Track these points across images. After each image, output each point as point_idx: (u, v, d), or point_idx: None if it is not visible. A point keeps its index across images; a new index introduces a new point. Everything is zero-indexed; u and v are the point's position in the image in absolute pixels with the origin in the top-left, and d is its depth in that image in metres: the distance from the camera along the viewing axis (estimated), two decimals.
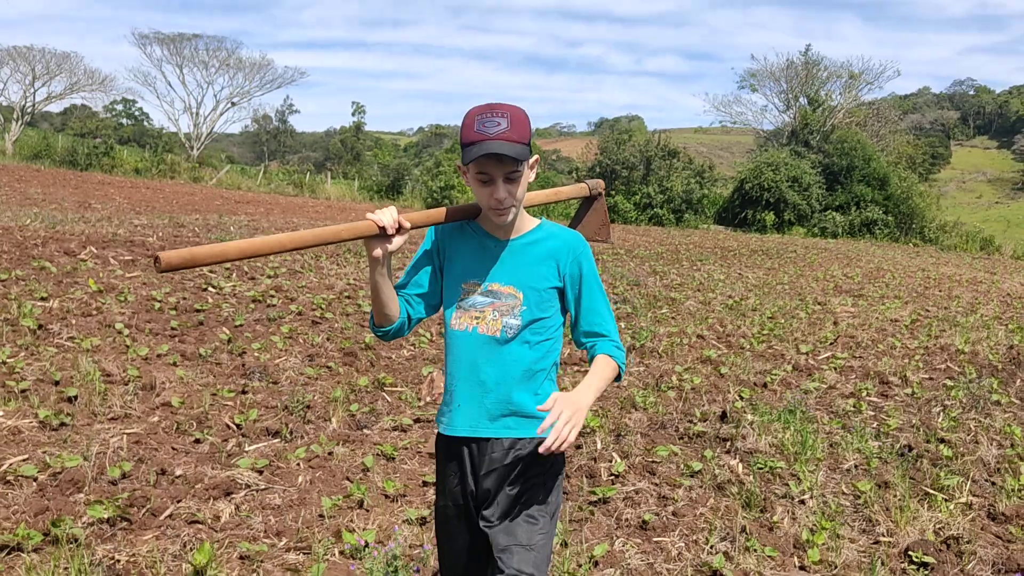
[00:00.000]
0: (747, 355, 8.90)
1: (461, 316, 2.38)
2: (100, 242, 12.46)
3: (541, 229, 2.42)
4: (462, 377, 2.38)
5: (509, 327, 2.33)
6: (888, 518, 4.48)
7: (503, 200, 2.24)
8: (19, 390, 5.35)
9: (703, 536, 4.09)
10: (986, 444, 5.98)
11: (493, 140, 2.15)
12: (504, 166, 2.19)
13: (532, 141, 2.29)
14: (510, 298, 2.35)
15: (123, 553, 3.45)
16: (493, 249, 2.39)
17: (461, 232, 2.45)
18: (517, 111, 2.24)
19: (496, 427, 2.35)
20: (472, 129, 2.19)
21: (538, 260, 2.37)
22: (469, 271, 2.39)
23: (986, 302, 16.36)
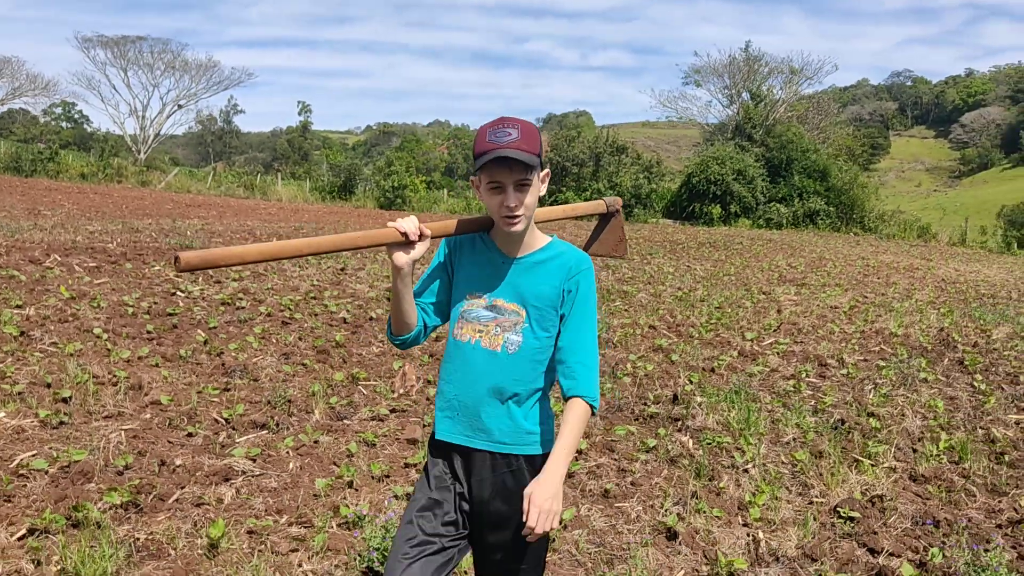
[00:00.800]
0: (696, 343, 9.47)
1: (464, 327, 2.41)
2: (62, 250, 12.61)
3: (551, 248, 2.43)
4: (460, 387, 2.40)
5: (510, 343, 2.35)
6: (821, 482, 5.04)
7: (514, 208, 2.26)
8: (15, 392, 5.65)
9: (659, 501, 4.59)
10: (911, 416, 6.61)
11: (506, 147, 2.21)
12: (515, 173, 2.23)
13: (542, 156, 2.33)
14: (513, 315, 2.37)
15: (141, 532, 3.82)
16: (501, 265, 2.41)
17: (472, 245, 2.48)
18: (528, 124, 2.30)
19: (483, 440, 2.36)
20: (484, 140, 2.25)
21: (543, 279, 2.38)
22: (475, 284, 2.42)
23: (921, 288, 17.24)
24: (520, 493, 2.27)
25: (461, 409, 2.39)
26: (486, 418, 2.35)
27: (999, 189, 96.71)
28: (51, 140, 40.25)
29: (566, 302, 2.37)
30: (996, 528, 4.47)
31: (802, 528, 4.31)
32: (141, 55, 50.63)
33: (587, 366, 2.32)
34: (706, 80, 48.74)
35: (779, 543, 4.12)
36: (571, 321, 2.35)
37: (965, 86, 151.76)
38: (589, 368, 2.32)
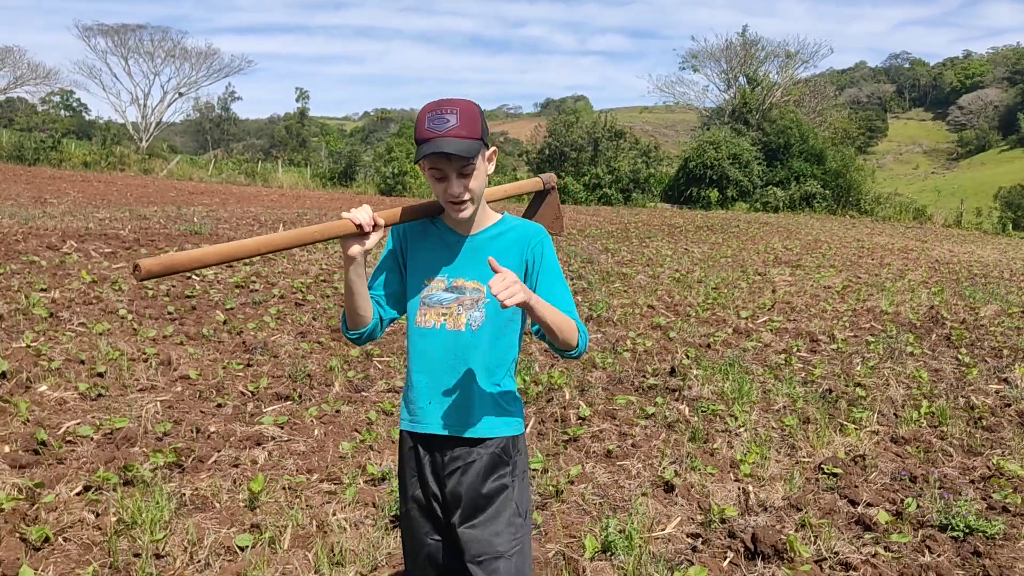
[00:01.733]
0: (693, 321, 9.85)
1: (427, 313, 2.40)
2: (77, 236, 12.95)
3: (503, 223, 2.44)
4: (428, 374, 2.39)
5: (474, 319, 2.35)
6: (808, 444, 5.43)
7: (458, 195, 2.26)
8: (52, 368, 6.02)
9: (657, 460, 4.98)
10: (895, 386, 7.00)
11: (441, 137, 2.18)
12: (454, 162, 2.22)
13: (487, 133, 2.32)
14: (474, 292, 2.36)
15: (187, 488, 4.21)
16: (455, 245, 2.41)
17: (423, 230, 2.47)
18: (468, 105, 2.27)
19: (460, 425, 2.36)
20: (424, 127, 2.23)
21: (500, 253, 2.37)
22: (432, 268, 2.42)
23: (915, 268, 17.62)
24: (489, 475, 2.35)
25: (433, 398, 2.38)
26: (455, 401, 2.36)
27: (997, 171, 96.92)
28: (53, 129, 40.42)
29: (531, 273, 2.39)
30: (969, 483, 4.86)
31: (788, 483, 4.70)
32: (141, 43, 50.92)
33: (572, 313, 2.35)
34: (703, 65, 49.04)
35: (767, 495, 4.51)
36: (543, 287, 2.37)
37: (963, 68, 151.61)
38: (574, 315, 2.36)
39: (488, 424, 2.37)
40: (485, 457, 2.36)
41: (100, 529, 3.72)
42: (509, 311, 2.36)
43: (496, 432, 2.38)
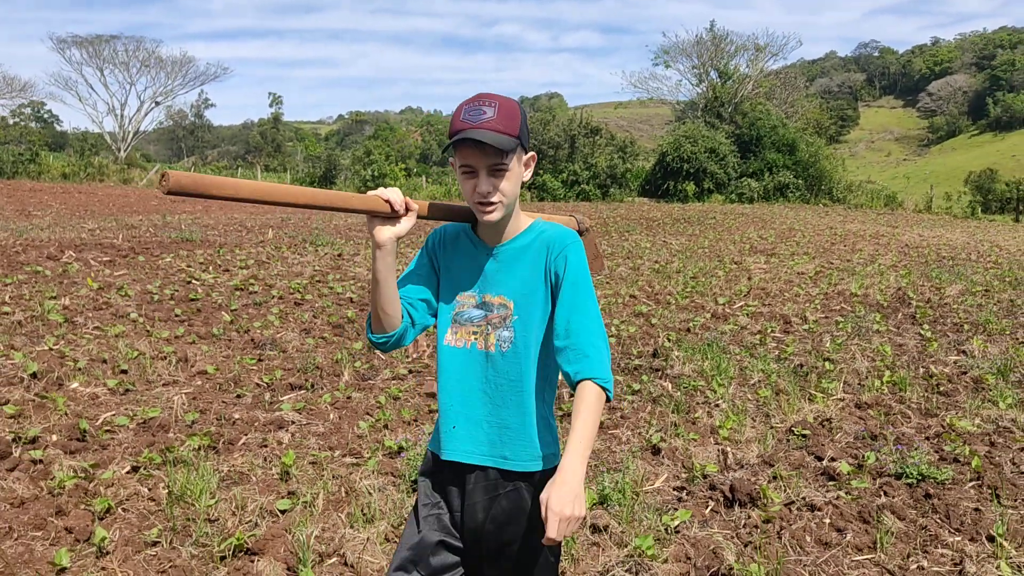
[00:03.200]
0: (673, 308, 10.39)
1: (457, 331, 2.23)
2: (74, 247, 13.32)
3: (532, 230, 2.24)
4: (457, 396, 2.22)
5: (503, 340, 2.17)
6: (780, 411, 5.97)
7: (486, 194, 2.08)
8: (78, 368, 6.45)
9: (644, 429, 5.49)
10: (861, 359, 7.56)
11: (476, 128, 2.03)
12: (487, 156, 2.06)
13: (527, 138, 2.16)
14: (501, 308, 2.19)
15: (223, 466, 4.67)
16: (483, 257, 2.23)
17: (455, 240, 2.31)
18: (508, 102, 2.11)
19: (489, 455, 2.19)
20: (458, 118, 2.08)
21: (527, 263, 2.19)
22: (463, 282, 2.25)
23: (885, 253, 18.27)
24: (516, 517, 2.17)
25: (462, 423, 2.21)
26: (486, 429, 2.19)
27: (967, 156, 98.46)
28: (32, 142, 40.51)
29: (557, 283, 2.16)
30: (924, 440, 5.41)
31: (762, 443, 5.23)
32: (116, 54, 51.05)
33: (595, 346, 2.06)
34: (675, 60, 49.72)
35: (743, 454, 5.03)
36: (565, 301, 2.12)
37: (931, 55, 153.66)
38: (598, 348, 2.06)
39: (519, 456, 2.17)
40: (515, 493, 2.18)
41: (154, 500, 4.19)
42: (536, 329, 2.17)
43: (527, 466, 2.18)
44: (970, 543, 3.83)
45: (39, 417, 5.32)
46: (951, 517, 4.11)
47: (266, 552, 3.64)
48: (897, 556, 3.71)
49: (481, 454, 2.19)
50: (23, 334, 7.47)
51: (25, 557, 3.57)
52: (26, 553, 3.61)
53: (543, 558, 2.20)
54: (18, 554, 3.60)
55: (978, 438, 5.34)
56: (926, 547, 3.81)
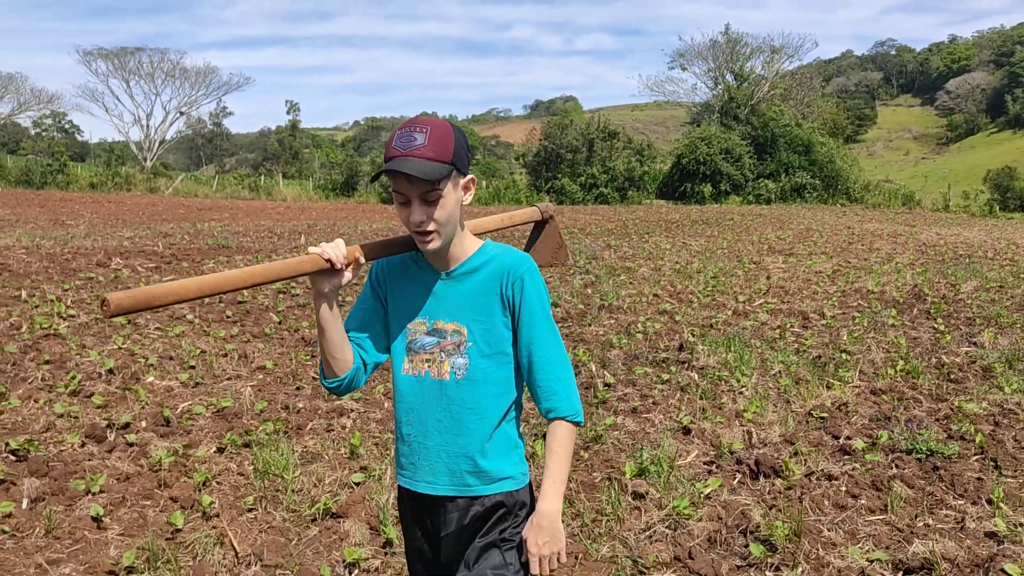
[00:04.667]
0: (695, 306, 10.85)
1: (412, 359, 2.20)
2: (119, 254, 13.95)
3: (482, 253, 2.21)
4: (415, 426, 2.20)
5: (457, 367, 2.15)
6: (800, 398, 6.43)
7: (419, 224, 2.05)
8: (149, 364, 7.01)
9: (675, 413, 5.98)
10: (876, 350, 8.00)
11: (404, 157, 1.99)
12: (416, 185, 2.01)
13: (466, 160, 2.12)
14: (455, 335, 2.16)
15: (297, 446, 5.20)
16: (432, 283, 2.20)
17: (403, 267, 2.26)
18: (440, 125, 2.07)
19: (454, 485, 2.19)
20: (391, 145, 2.04)
21: (479, 288, 2.17)
22: (414, 310, 2.21)
23: (903, 252, 18.63)
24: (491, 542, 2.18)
25: (422, 453, 2.20)
26: (447, 459, 2.18)
27: (986, 153, 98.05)
28: (59, 153, 41.51)
29: (514, 312, 2.17)
30: (934, 421, 5.86)
31: (783, 425, 5.70)
32: (141, 65, 52.10)
33: (561, 379, 2.16)
34: (690, 63, 50.11)
35: (766, 434, 5.51)
36: (525, 333, 2.16)
37: (949, 52, 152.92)
38: (563, 381, 2.16)
39: (486, 483, 2.18)
40: (481, 518, 2.19)
41: (243, 475, 4.72)
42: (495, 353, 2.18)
43: (492, 489, 2.19)
44: (971, 506, 4.30)
45: (123, 407, 5.87)
46: (955, 485, 4.57)
47: (350, 515, 4.16)
48: (906, 517, 4.18)
49: (447, 485, 2.19)
50: (91, 335, 8.04)
51: (140, 522, 4.11)
52: (140, 519, 4.15)
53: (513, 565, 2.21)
54: (133, 519, 4.14)
55: (984, 419, 5.79)
56: (932, 509, 4.28)
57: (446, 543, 2.21)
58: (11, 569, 3.62)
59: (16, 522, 4.02)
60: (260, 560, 3.72)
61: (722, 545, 3.91)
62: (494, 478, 2.18)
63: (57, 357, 7.09)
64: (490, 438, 2.16)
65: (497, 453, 2.18)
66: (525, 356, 2.16)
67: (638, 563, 3.70)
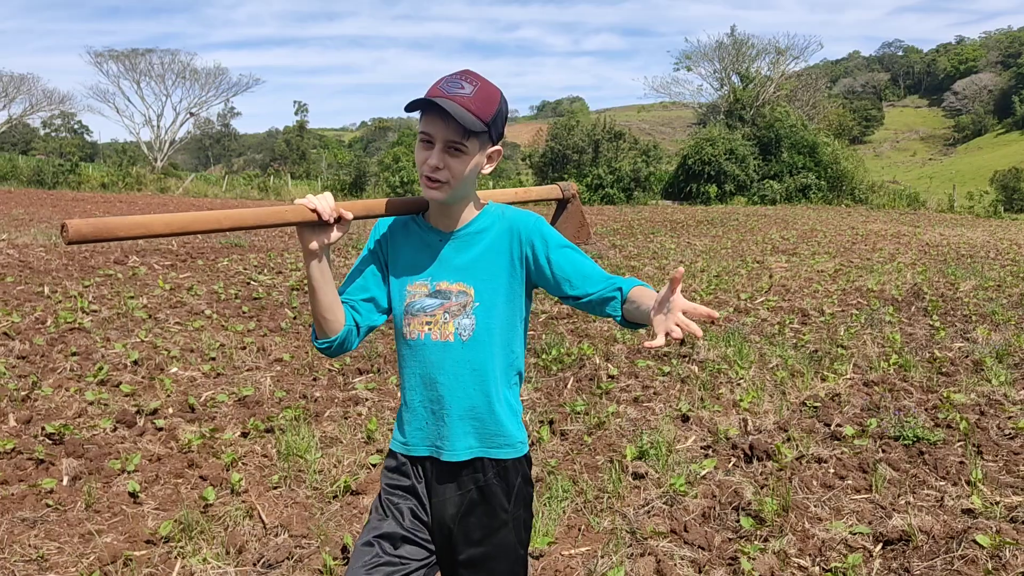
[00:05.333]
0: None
1: (411, 322, 2.17)
2: (136, 252, 14.28)
3: (487, 214, 2.18)
4: (418, 390, 2.18)
5: (463, 328, 2.12)
6: (795, 389, 6.71)
7: (434, 169, 2.01)
8: (171, 356, 7.32)
9: (675, 403, 6.26)
10: (871, 345, 8.27)
11: (445, 98, 1.96)
12: (448, 130, 1.98)
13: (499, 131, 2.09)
14: (460, 296, 2.12)
15: (316, 432, 5.50)
16: (437, 243, 2.17)
17: (405, 229, 2.24)
18: (489, 85, 2.04)
19: (453, 448, 2.15)
20: (435, 87, 2.01)
21: (487, 248, 2.14)
22: (414, 271, 2.18)
23: (905, 252, 18.84)
24: (489, 511, 2.16)
25: (424, 415, 2.18)
26: (450, 422, 2.14)
27: (993, 155, 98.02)
28: (70, 153, 42.00)
29: (536, 265, 2.13)
30: (922, 410, 6.13)
31: (778, 414, 5.98)
32: (152, 67, 52.60)
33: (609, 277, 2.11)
34: (696, 65, 50.39)
35: (761, 422, 5.79)
36: (567, 268, 2.11)
37: (956, 53, 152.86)
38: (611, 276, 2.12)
39: (485, 446, 2.16)
40: (487, 489, 2.16)
41: (267, 457, 5.02)
42: (504, 315, 2.15)
43: (493, 453, 2.17)
44: (952, 486, 4.57)
45: (150, 395, 6.18)
46: (938, 468, 4.84)
47: (369, 492, 4.46)
48: (889, 496, 4.45)
49: (448, 448, 2.15)
50: (114, 328, 8.36)
51: (173, 498, 4.41)
52: (173, 495, 4.45)
53: (514, 552, 2.20)
54: (167, 495, 4.45)
55: (970, 408, 6.06)
56: (914, 489, 4.55)
57: (438, 507, 2.17)
58: (57, 538, 3.92)
59: (59, 497, 4.33)
60: (287, 530, 4.02)
61: (715, 519, 4.19)
62: (500, 443, 2.16)
63: (83, 349, 7.41)
64: (496, 400, 2.15)
65: (503, 416, 2.16)
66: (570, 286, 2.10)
67: (636, 534, 3.98)
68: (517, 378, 2.24)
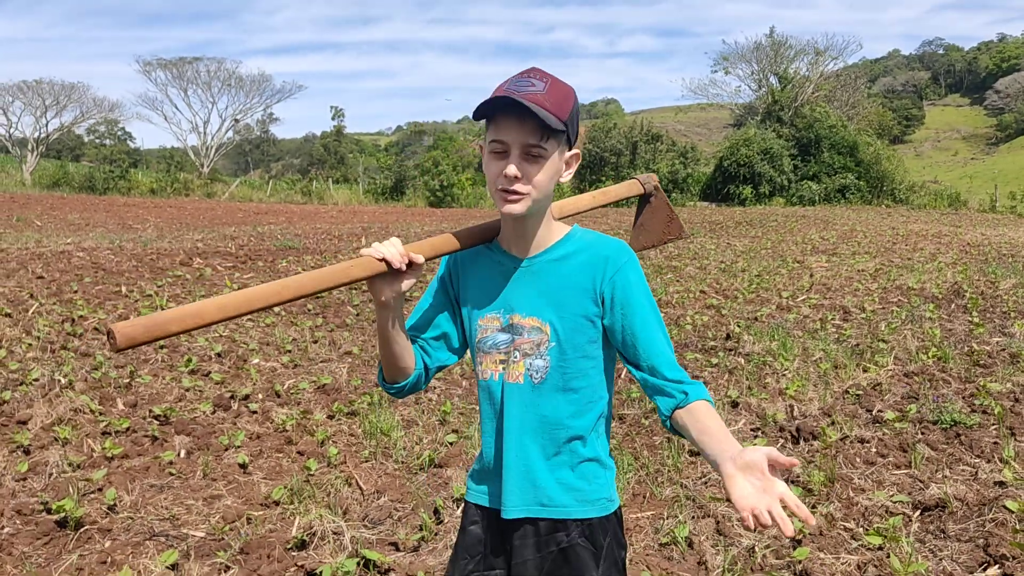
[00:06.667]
0: (740, 301, 11.49)
1: (483, 360, 1.99)
2: (198, 255, 14.97)
3: (570, 240, 1.96)
4: (488, 437, 2.01)
5: (535, 370, 1.92)
6: (838, 379, 7.09)
7: (513, 179, 1.79)
8: (251, 348, 7.89)
9: (724, 391, 6.68)
10: (911, 339, 8.60)
11: (520, 96, 1.74)
12: (525, 132, 1.76)
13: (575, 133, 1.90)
14: (535, 332, 1.92)
15: (396, 416, 6.00)
16: (512, 270, 1.96)
17: (475, 257, 2.03)
18: (561, 82, 1.84)
19: (529, 503, 1.95)
20: (502, 88, 1.80)
21: (567, 280, 1.92)
22: (486, 301, 1.98)
23: (946, 251, 18.98)
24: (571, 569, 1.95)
25: (495, 466, 1.99)
26: (523, 475, 1.95)
27: None
28: (122, 160, 43.34)
29: (610, 309, 1.91)
30: (960, 398, 6.48)
31: (822, 401, 6.38)
32: (199, 75, 53.97)
33: (679, 370, 1.91)
34: (734, 66, 50.50)
35: (806, 408, 6.19)
36: (632, 329, 1.89)
37: (998, 51, 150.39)
38: (682, 371, 1.91)
39: (568, 504, 1.96)
40: (571, 551, 1.95)
41: (353, 436, 5.54)
42: (581, 357, 1.94)
43: (574, 513, 1.96)
44: (986, 463, 4.95)
45: (238, 383, 6.74)
46: (973, 448, 5.22)
47: (450, 465, 4.95)
48: (927, 471, 4.84)
49: (524, 504, 1.95)
50: None
51: (277, 469, 4.95)
52: (277, 466, 4.98)
53: None
54: (271, 467, 4.98)
55: (1006, 395, 6.40)
56: (950, 465, 4.94)
57: (518, 571, 1.98)
58: (183, 501, 4.46)
59: (179, 467, 4.88)
60: (383, 495, 4.53)
61: None
62: (579, 500, 1.96)
63: (169, 343, 8.00)
64: (574, 452, 1.96)
65: (582, 471, 1.97)
66: (633, 353, 1.90)
67: (696, 500, 4.43)
68: (604, 424, 2.03)
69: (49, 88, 51.43)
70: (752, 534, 3.99)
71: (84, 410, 5.81)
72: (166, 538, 3.99)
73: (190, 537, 4.01)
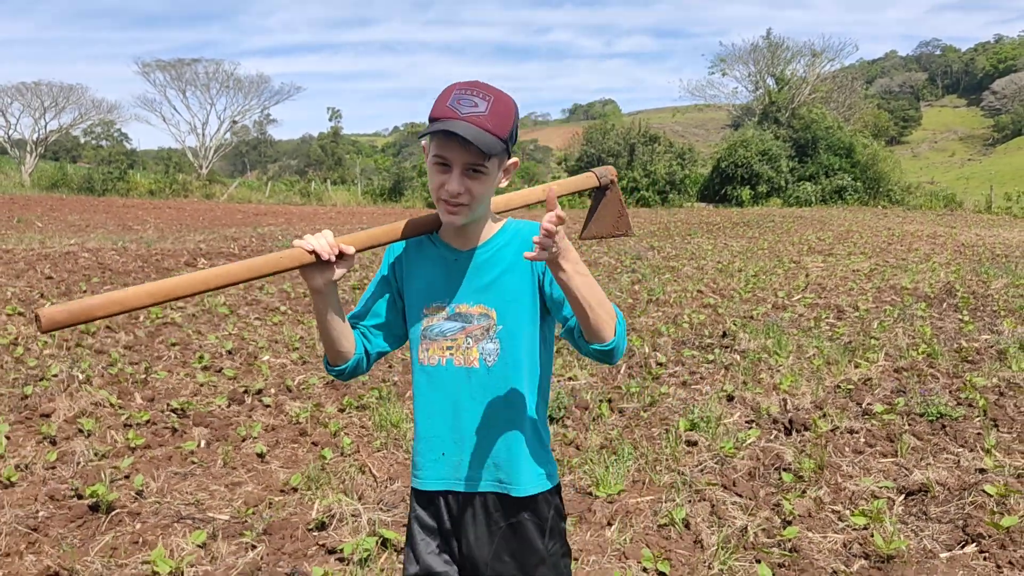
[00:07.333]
0: (737, 300, 11.74)
1: (429, 347, 2.08)
2: (202, 255, 15.21)
3: (506, 231, 2.09)
4: (439, 420, 2.09)
5: (488, 353, 2.03)
6: (830, 374, 7.34)
7: (454, 193, 1.90)
8: (260, 346, 8.12)
9: (720, 385, 6.93)
10: (902, 336, 8.86)
11: (460, 120, 1.84)
12: (466, 154, 1.86)
13: (514, 141, 1.98)
14: (482, 319, 2.04)
15: (404, 410, 6.24)
16: (454, 263, 2.07)
17: (419, 248, 2.14)
18: (504, 98, 1.93)
19: (487, 481, 2.07)
20: (444, 103, 1.88)
21: (507, 268, 2.04)
22: (430, 292, 2.09)
23: (940, 252, 19.24)
24: (524, 553, 2.08)
25: (444, 448, 2.08)
26: (475, 454, 2.05)
27: None
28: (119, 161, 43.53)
29: (544, 278, 2.04)
30: (947, 393, 6.73)
31: (814, 395, 6.62)
32: (197, 76, 54.16)
33: None
34: (731, 68, 50.79)
35: (799, 402, 6.44)
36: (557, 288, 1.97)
37: (995, 52, 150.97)
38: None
39: (517, 479, 2.07)
40: (520, 528, 2.08)
41: (364, 428, 5.78)
42: (525, 337, 2.05)
43: (527, 488, 2.08)
44: (968, 452, 5.19)
45: (250, 378, 6.97)
46: (957, 438, 5.46)
47: None
48: (912, 459, 5.09)
49: (473, 480, 2.07)
50: (202, 323, 9.19)
51: (294, 458, 5.18)
52: (293, 456, 5.22)
53: None
54: (288, 456, 5.22)
55: (991, 390, 6.65)
56: (935, 454, 5.18)
57: (470, 547, 2.10)
58: (206, 488, 4.70)
59: (200, 456, 5.12)
60: (396, 481, 4.77)
61: (760, 477, 4.87)
62: (527, 475, 2.08)
63: (180, 340, 8.23)
64: (524, 429, 2.07)
65: (529, 448, 2.08)
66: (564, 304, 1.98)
67: (692, 486, 4.67)
68: (543, 399, 2.14)
69: (47, 89, 51.71)
70: (744, 516, 4.24)
71: (104, 404, 6.05)
72: (192, 521, 4.23)
73: (216, 520, 4.25)
